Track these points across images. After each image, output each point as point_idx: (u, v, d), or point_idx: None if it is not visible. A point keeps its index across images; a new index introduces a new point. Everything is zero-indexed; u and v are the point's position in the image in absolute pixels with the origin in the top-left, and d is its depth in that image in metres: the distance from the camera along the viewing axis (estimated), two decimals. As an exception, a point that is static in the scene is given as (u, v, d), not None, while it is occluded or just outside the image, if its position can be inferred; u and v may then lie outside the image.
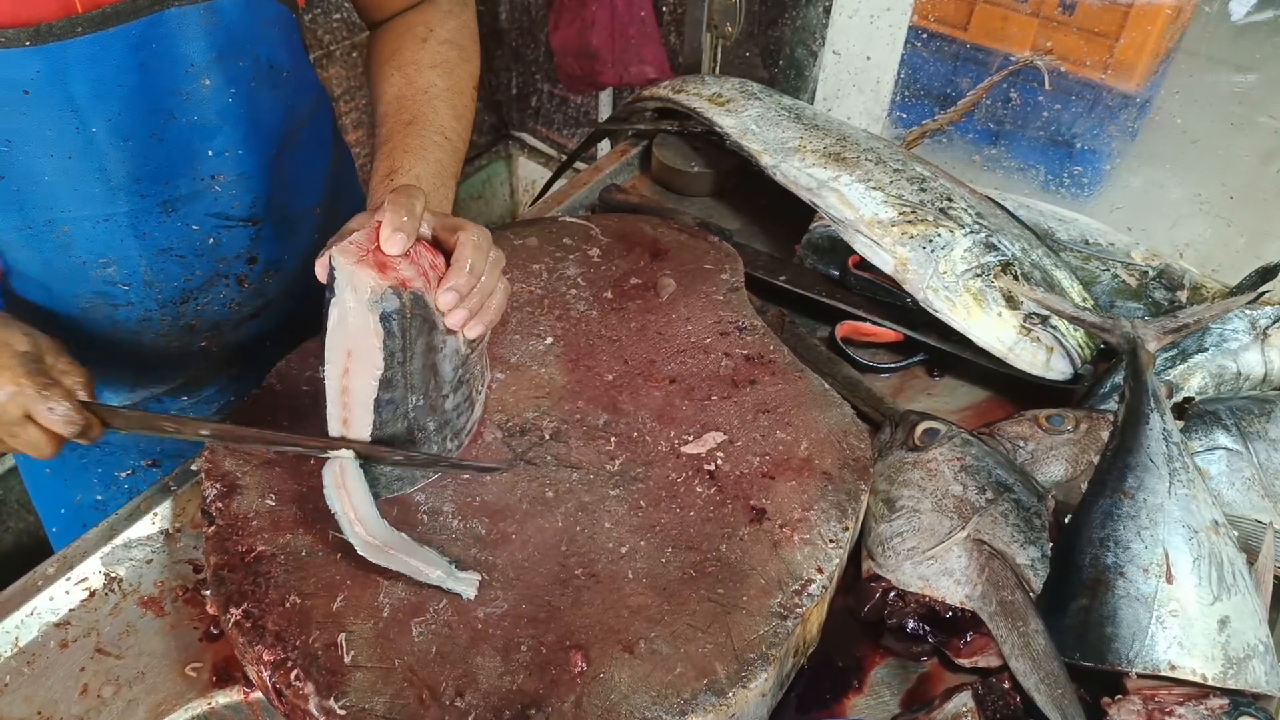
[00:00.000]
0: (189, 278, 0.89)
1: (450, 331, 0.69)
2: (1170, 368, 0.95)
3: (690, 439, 0.79)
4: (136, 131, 0.77)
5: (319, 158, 1.01)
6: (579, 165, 1.50)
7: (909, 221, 0.98)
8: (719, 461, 0.77)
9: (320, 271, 0.66)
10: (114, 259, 0.84)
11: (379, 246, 0.65)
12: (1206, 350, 0.95)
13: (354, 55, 2.07)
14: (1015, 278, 0.95)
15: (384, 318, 0.65)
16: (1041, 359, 0.94)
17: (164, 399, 1.01)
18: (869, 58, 1.38)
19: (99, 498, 1.07)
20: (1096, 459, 0.81)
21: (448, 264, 0.69)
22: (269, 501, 0.73)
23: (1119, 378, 0.90)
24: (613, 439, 0.79)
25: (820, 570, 0.69)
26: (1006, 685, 0.71)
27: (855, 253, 1.02)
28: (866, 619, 0.77)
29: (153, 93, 0.76)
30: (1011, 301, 0.94)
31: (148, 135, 0.78)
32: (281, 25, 0.84)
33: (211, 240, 0.88)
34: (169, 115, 0.78)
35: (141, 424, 0.72)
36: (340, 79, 2.06)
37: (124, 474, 1.06)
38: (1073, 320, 0.93)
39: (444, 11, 0.94)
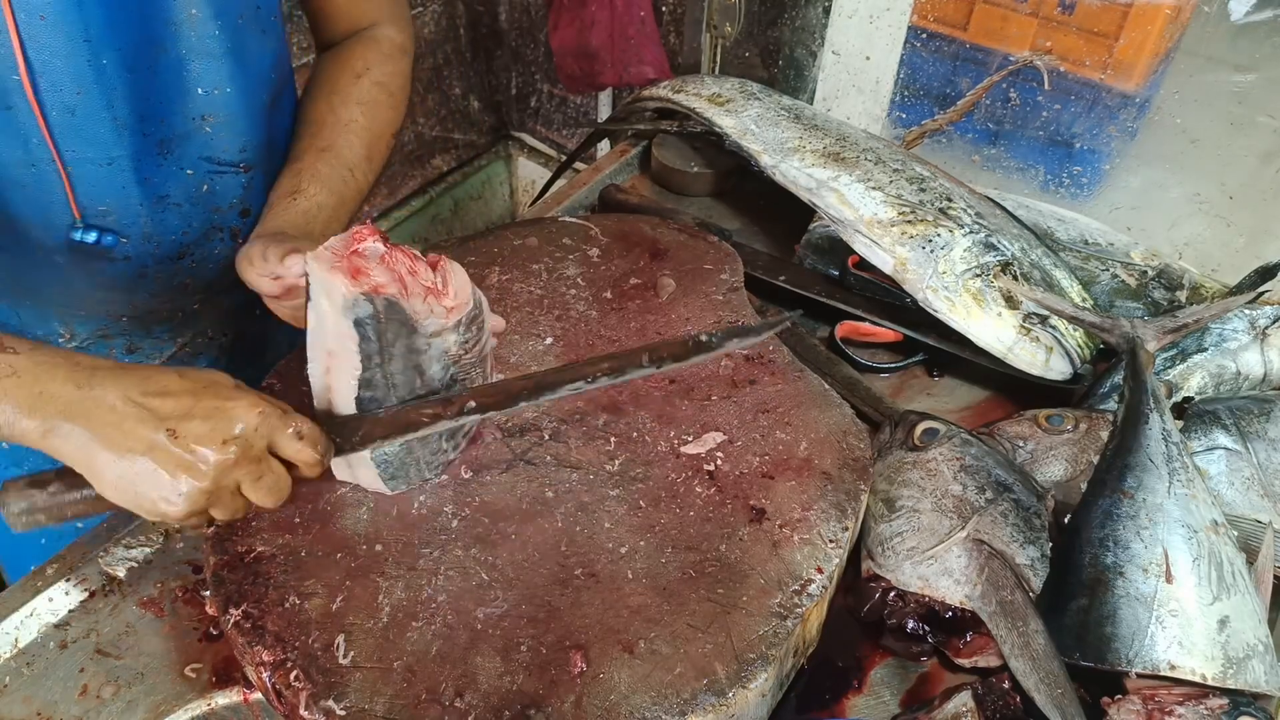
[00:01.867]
0: (186, 230, 0.89)
1: (436, 334, 0.70)
2: (1170, 368, 0.95)
3: (690, 439, 0.79)
4: (140, 63, 0.77)
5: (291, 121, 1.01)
6: (579, 165, 1.50)
7: (908, 221, 0.98)
8: (718, 461, 0.77)
9: (244, 267, 0.69)
10: (114, 207, 0.83)
11: (354, 251, 0.66)
12: (1206, 350, 0.95)
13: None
14: (1015, 277, 0.95)
15: (358, 323, 0.65)
16: (1041, 359, 0.94)
17: None
18: (868, 58, 1.38)
19: (43, 541, 1.02)
20: (1096, 459, 0.81)
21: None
22: (268, 502, 0.73)
23: (1118, 377, 0.90)
24: (612, 439, 0.79)
25: (820, 570, 0.69)
26: (1006, 685, 0.71)
27: (855, 253, 1.02)
28: (866, 619, 0.77)
29: (151, 22, 0.76)
30: (1011, 301, 0.94)
31: (147, 68, 0.78)
32: None
33: (205, 187, 0.88)
34: (161, 47, 0.78)
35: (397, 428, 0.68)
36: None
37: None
38: (1072, 320, 0.93)
39: (384, 54, 0.95)
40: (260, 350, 1.08)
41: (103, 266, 0.87)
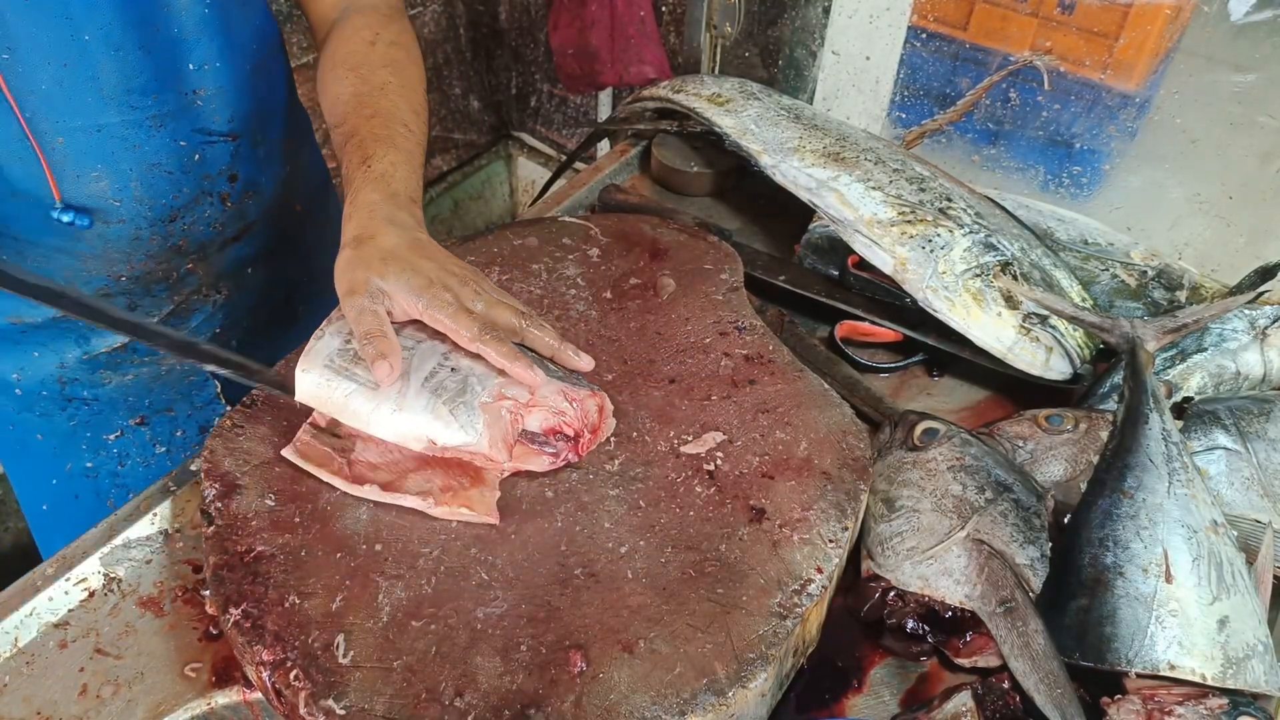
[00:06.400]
0: (176, 194, 0.93)
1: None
2: (1169, 367, 0.95)
3: (690, 439, 0.79)
4: (126, 42, 0.81)
5: (285, 89, 1.05)
6: (578, 165, 1.50)
7: (908, 221, 0.98)
8: (718, 461, 0.77)
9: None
10: (105, 172, 0.87)
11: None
12: (1206, 350, 0.95)
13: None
14: (1014, 277, 0.95)
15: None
16: (1041, 359, 0.94)
17: None
18: (868, 58, 1.38)
19: (89, 464, 1.08)
20: (1096, 459, 0.81)
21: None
22: (268, 502, 0.73)
23: (1118, 377, 0.90)
24: (612, 439, 0.79)
25: (820, 570, 0.69)
26: (1006, 685, 0.71)
27: (855, 253, 1.02)
28: (866, 619, 0.77)
29: (139, 2, 0.81)
30: (1011, 301, 0.94)
31: (136, 46, 0.82)
32: None
33: (196, 156, 0.92)
34: (154, 27, 0.82)
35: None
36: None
37: (112, 436, 1.08)
38: (1072, 320, 0.93)
39: (385, 17, 0.97)
40: (252, 306, 1.12)
41: (101, 230, 0.91)
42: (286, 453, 0.75)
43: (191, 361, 0.74)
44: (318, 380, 0.73)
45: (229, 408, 1.12)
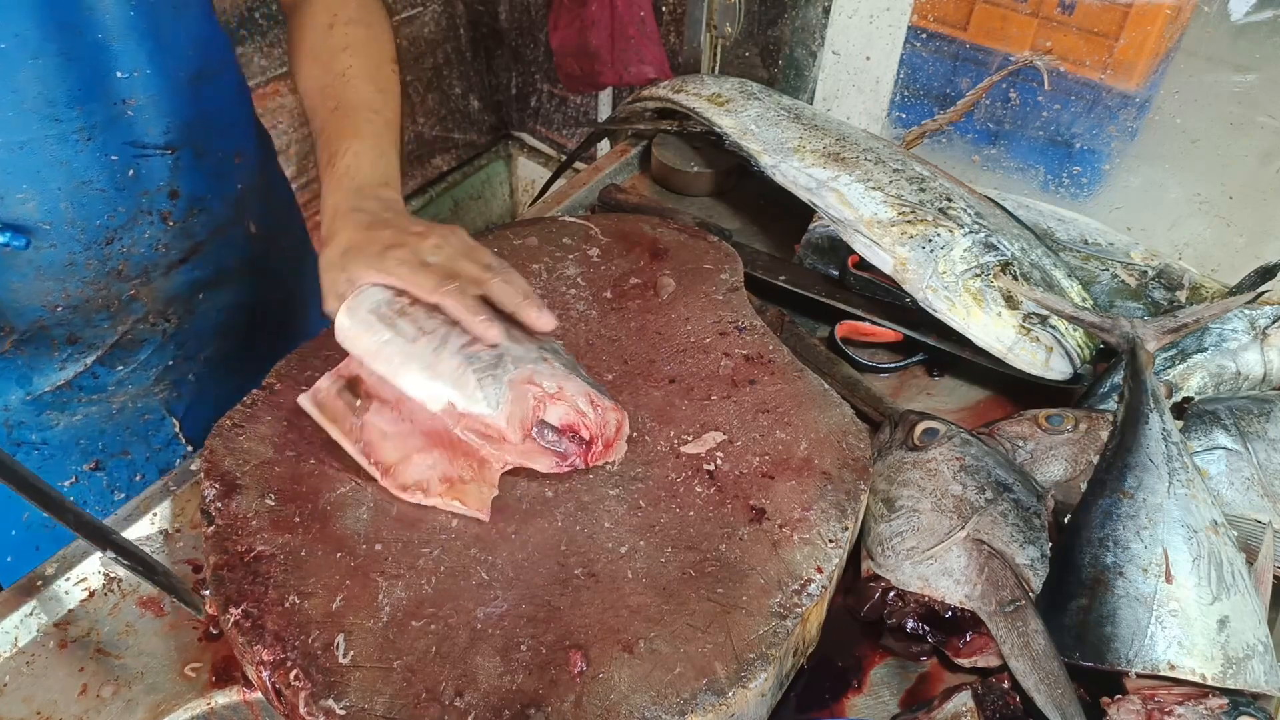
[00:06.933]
0: (111, 214, 0.88)
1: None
2: (1169, 367, 0.95)
3: (690, 439, 0.79)
4: (45, 49, 0.76)
5: (237, 103, 1.01)
6: (578, 165, 1.50)
7: (908, 221, 0.98)
8: (718, 461, 0.77)
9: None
10: (33, 193, 0.82)
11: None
12: (1206, 350, 0.95)
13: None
14: (1014, 277, 0.95)
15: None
16: (1041, 359, 0.94)
17: (98, 371, 0.98)
18: (868, 58, 1.38)
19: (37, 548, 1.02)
20: (1096, 459, 0.81)
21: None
22: (268, 501, 0.73)
23: (1118, 377, 0.90)
24: (612, 439, 0.79)
25: (820, 570, 0.69)
26: (1006, 685, 0.71)
27: (855, 252, 1.02)
28: (866, 619, 0.77)
29: (57, 6, 0.76)
30: (1011, 301, 0.94)
31: (56, 53, 0.77)
32: None
33: (131, 171, 0.87)
34: (76, 31, 0.78)
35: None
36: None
37: (67, 483, 1.02)
38: (1072, 320, 0.93)
39: None
40: (208, 335, 1.06)
41: (31, 256, 0.86)
42: (302, 400, 0.75)
43: (96, 548, 0.68)
44: (362, 320, 0.72)
45: (190, 449, 1.07)
